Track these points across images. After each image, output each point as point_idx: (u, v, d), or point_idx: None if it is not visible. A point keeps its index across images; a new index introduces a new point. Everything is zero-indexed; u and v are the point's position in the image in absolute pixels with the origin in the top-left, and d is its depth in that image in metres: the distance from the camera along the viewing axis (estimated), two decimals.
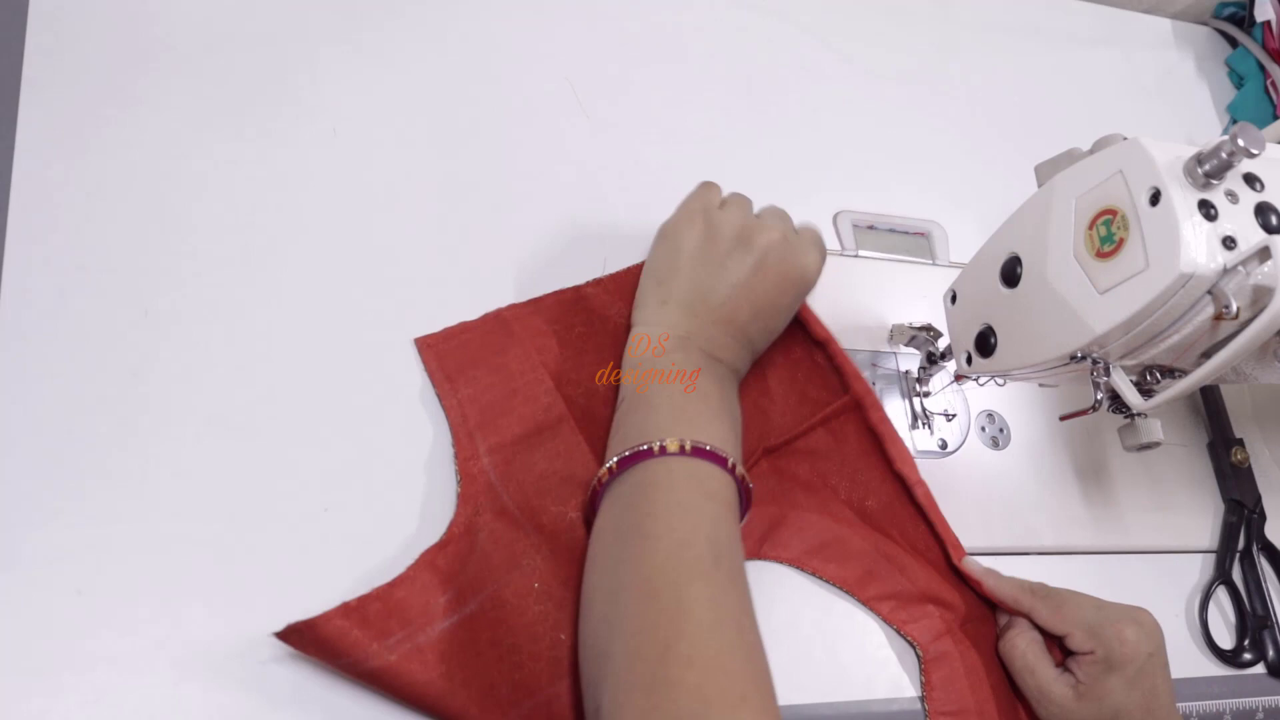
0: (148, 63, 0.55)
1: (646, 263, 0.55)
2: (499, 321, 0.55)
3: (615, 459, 0.47)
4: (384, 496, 0.50)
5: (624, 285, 0.58)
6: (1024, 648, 0.54)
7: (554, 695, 0.47)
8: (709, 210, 0.55)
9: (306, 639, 0.44)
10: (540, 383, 0.54)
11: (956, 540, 0.57)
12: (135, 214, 0.52)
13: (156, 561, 0.46)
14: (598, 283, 0.58)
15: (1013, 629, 0.55)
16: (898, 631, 0.55)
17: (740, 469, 0.48)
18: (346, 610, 0.45)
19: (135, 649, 0.44)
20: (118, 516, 0.46)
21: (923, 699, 0.54)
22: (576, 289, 0.57)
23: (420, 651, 0.45)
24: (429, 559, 0.48)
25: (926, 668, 0.54)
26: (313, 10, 0.60)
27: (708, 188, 0.57)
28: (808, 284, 0.55)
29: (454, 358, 0.54)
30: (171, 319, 0.50)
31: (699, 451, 0.46)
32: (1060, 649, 0.54)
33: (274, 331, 0.52)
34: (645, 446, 0.47)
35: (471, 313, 0.56)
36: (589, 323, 0.57)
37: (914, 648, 0.55)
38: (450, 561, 0.48)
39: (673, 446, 0.46)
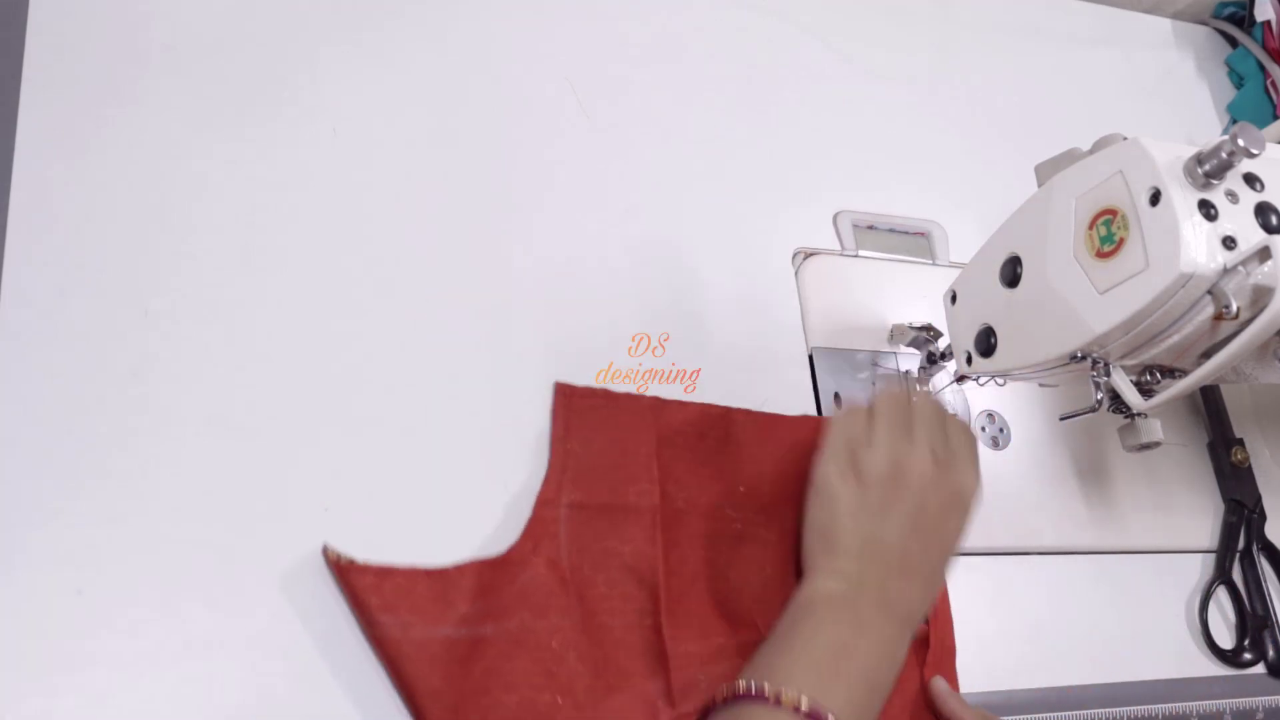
0: (148, 63, 0.55)
1: (805, 514, 0.52)
2: (638, 404, 0.56)
3: (732, 690, 0.45)
4: (384, 497, 0.50)
5: (772, 427, 0.58)
6: None
7: None
8: (854, 452, 0.52)
9: (335, 573, 0.47)
10: (647, 470, 0.54)
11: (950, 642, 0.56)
12: (135, 214, 0.52)
13: (156, 561, 0.46)
14: (749, 413, 0.58)
15: None
16: None
17: None
18: (365, 571, 0.47)
19: (135, 649, 0.44)
20: (118, 516, 0.46)
21: None
22: (727, 409, 0.57)
23: (405, 643, 0.46)
24: (477, 569, 0.49)
25: None
26: (313, 10, 0.60)
27: (850, 419, 0.53)
28: (968, 505, 0.52)
29: (582, 414, 0.54)
30: (171, 319, 0.50)
31: (813, 715, 0.43)
32: None
33: (274, 331, 0.52)
34: (764, 688, 0.44)
35: (471, 312, 0.56)
36: (723, 441, 0.56)
37: None
38: (494, 580, 0.49)
39: (788, 701, 0.44)
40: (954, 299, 0.58)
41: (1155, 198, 0.44)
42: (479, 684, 0.46)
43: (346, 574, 0.47)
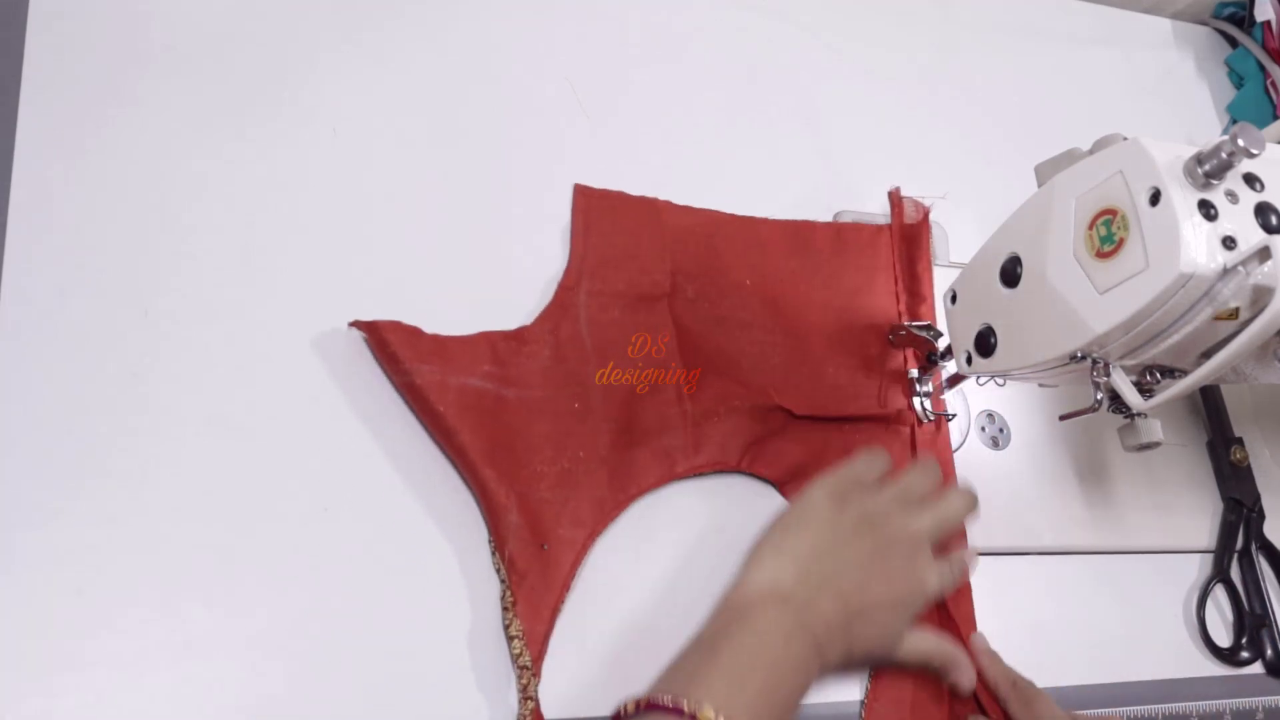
0: (148, 63, 0.55)
1: (778, 515, 0.53)
2: (652, 205, 0.61)
3: (647, 697, 0.43)
4: (384, 496, 0.50)
5: (772, 231, 0.63)
6: None
7: (545, 501, 0.51)
8: (853, 486, 0.54)
9: (369, 334, 0.52)
10: (660, 263, 0.59)
11: (970, 615, 0.57)
12: (135, 214, 0.52)
13: (156, 561, 0.46)
14: (750, 219, 0.63)
15: None
16: None
17: None
18: (399, 327, 0.52)
19: (135, 649, 0.44)
20: (118, 516, 0.46)
21: (862, 705, 0.53)
22: (732, 215, 0.63)
23: (446, 388, 0.51)
24: (490, 337, 0.54)
25: (874, 682, 0.54)
26: (313, 10, 0.60)
27: (870, 462, 0.55)
28: (918, 599, 0.52)
29: (600, 212, 0.60)
30: (171, 319, 0.50)
31: None
32: None
33: (274, 331, 0.52)
34: (681, 705, 0.43)
35: (472, 314, 0.56)
36: (729, 240, 0.62)
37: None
38: (507, 351, 0.54)
39: (705, 718, 0.43)
40: (954, 299, 0.58)
41: (1155, 198, 0.44)
42: (505, 440, 0.51)
43: (380, 330, 0.51)
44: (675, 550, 0.54)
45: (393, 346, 0.51)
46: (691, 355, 0.57)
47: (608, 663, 0.51)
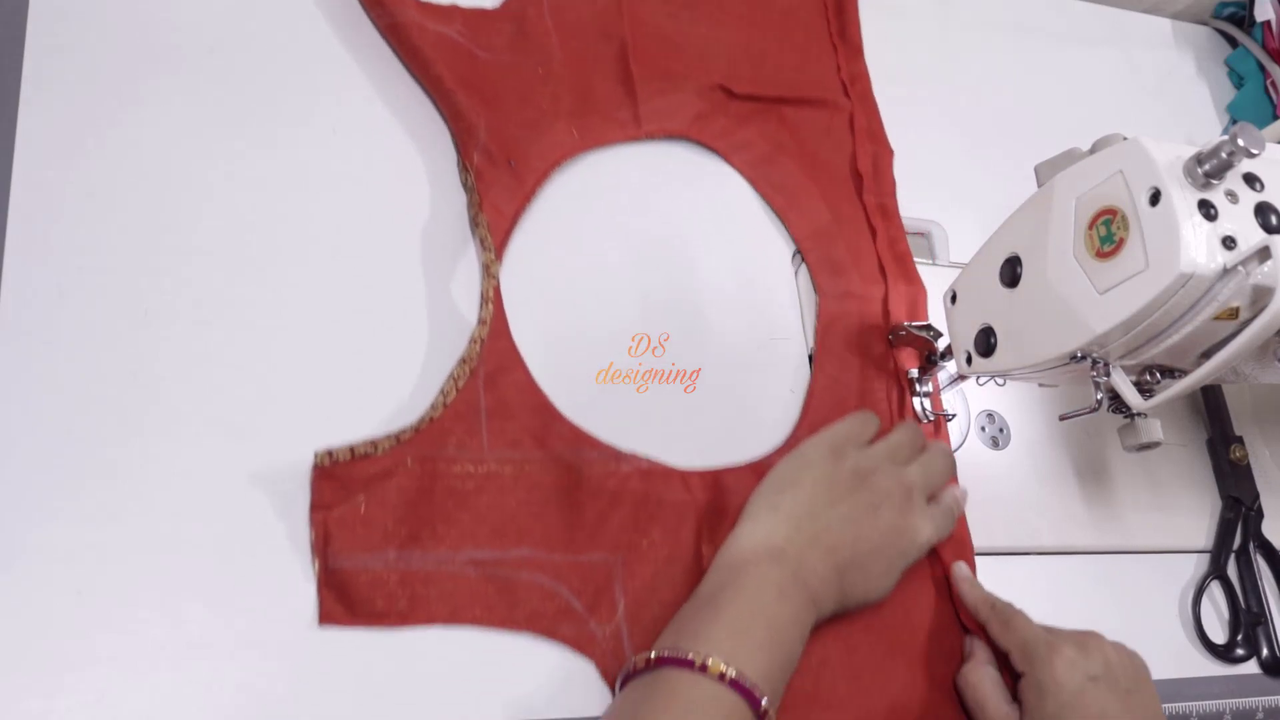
0: (148, 63, 0.55)
1: (774, 467, 0.54)
2: None
3: (655, 654, 0.45)
4: None
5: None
6: (976, 681, 0.53)
7: (513, 131, 0.58)
8: (847, 442, 0.55)
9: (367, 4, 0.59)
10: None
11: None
12: (135, 214, 0.52)
13: (156, 561, 0.46)
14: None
15: (969, 662, 0.54)
16: None
17: (772, 713, 0.45)
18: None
19: (135, 649, 0.44)
20: (118, 516, 0.46)
21: None
22: None
23: (425, 30, 0.57)
24: (460, 8, 0.61)
25: None
26: (313, 10, 0.60)
27: (862, 423, 0.57)
28: (912, 549, 0.54)
29: None
30: (171, 319, 0.50)
31: (737, 684, 0.44)
32: (1009, 675, 0.53)
33: (274, 331, 0.52)
34: (690, 658, 0.44)
35: (472, 312, 0.56)
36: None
37: None
38: (476, 21, 0.61)
39: (714, 669, 0.44)
40: (954, 299, 0.58)
41: (1155, 198, 0.44)
42: (477, 83, 0.58)
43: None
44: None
45: None
46: (640, 32, 0.65)
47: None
